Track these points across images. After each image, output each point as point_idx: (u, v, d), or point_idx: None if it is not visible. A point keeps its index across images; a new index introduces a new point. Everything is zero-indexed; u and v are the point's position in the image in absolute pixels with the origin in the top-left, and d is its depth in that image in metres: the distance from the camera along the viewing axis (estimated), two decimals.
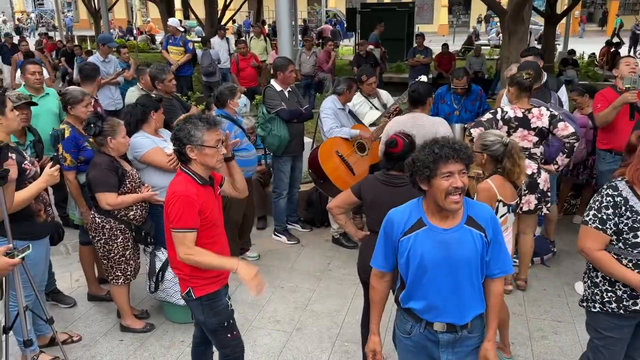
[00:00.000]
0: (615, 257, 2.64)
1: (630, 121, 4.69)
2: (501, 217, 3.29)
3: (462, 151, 2.23)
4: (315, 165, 5.04)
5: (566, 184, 6.00)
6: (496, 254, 2.41)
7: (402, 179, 3.15)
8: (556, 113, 4.20)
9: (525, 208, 4.35)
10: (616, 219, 2.60)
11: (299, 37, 17.07)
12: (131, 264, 3.92)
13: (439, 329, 2.42)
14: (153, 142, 4.01)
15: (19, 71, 10.58)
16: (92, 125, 3.64)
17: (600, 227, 2.63)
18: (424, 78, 5.18)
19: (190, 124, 2.76)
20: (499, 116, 4.25)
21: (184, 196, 2.71)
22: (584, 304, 2.85)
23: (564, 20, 16.49)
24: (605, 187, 2.67)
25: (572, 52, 14.84)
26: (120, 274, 3.89)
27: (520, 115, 4.19)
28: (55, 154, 3.45)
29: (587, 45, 21.18)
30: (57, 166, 3.25)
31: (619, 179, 2.65)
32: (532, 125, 4.19)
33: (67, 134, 4.04)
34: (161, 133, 4.22)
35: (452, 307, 2.37)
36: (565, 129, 4.13)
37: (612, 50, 16.45)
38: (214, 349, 3.26)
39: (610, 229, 2.62)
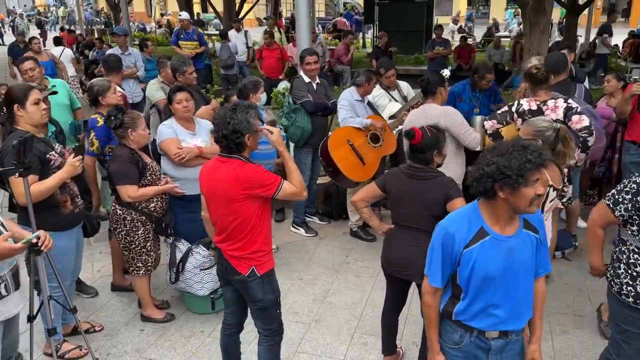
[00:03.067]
0: (637, 250, 2.65)
1: None
2: (551, 201, 3.33)
3: (546, 156, 2.14)
4: (325, 152, 5.04)
5: (584, 175, 5.91)
6: (543, 254, 2.38)
7: (428, 172, 3.11)
8: (574, 106, 4.10)
9: None
10: (629, 205, 2.61)
11: (317, 29, 17.02)
12: (152, 255, 3.96)
13: (490, 336, 2.35)
14: (173, 133, 4.08)
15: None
16: (112, 118, 3.67)
17: (611, 206, 2.69)
18: (446, 72, 5.12)
19: (245, 114, 2.81)
20: (514, 109, 4.23)
21: (260, 168, 2.85)
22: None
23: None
24: (637, 174, 2.67)
25: (593, 44, 14.54)
26: (141, 265, 3.93)
27: (534, 107, 4.14)
28: (77, 144, 3.49)
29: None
30: (80, 157, 3.29)
31: None
32: (546, 118, 4.13)
33: (100, 123, 4.12)
34: (198, 124, 4.25)
35: (513, 314, 2.32)
36: (579, 122, 4.01)
37: (637, 42, 16.09)
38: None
39: (619, 212, 2.65)
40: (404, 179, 3.16)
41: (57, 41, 10.65)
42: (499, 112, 4.33)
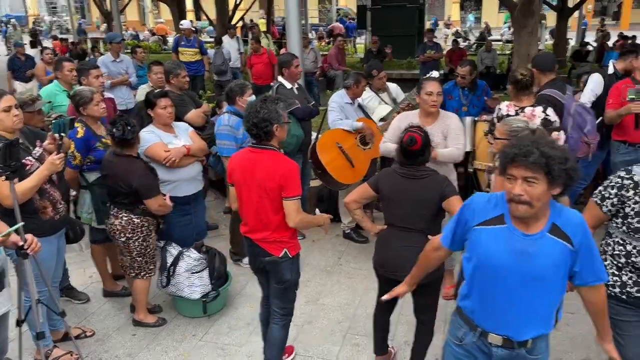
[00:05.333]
0: (621, 242, 2.66)
1: None
2: None
3: (532, 156, 1.97)
4: (313, 155, 5.06)
5: None
6: (588, 262, 2.15)
7: (422, 170, 3.13)
8: (553, 119, 4.06)
9: None
10: (615, 199, 2.62)
11: (311, 35, 17.13)
12: (156, 257, 4.03)
13: (493, 341, 2.24)
14: (157, 137, 4.09)
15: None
16: (125, 131, 3.65)
17: (599, 202, 2.69)
18: (435, 74, 5.15)
19: (274, 105, 3.02)
20: (494, 114, 4.28)
21: (297, 167, 3.08)
22: None
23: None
24: (622, 168, 2.70)
25: (584, 43, 14.68)
26: (152, 267, 4.00)
27: (512, 113, 4.15)
28: (60, 142, 3.46)
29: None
30: (61, 155, 3.26)
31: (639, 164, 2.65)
32: (522, 118, 4.15)
33: (80, 134, 4.02)
34: (175, 127, 4.28)
35: (512, 318, 2.19)
36: (556, 140, 4.00)
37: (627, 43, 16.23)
38: None
39: (607, 207, 2.66)
40: (398, 179, 3.16)
41: (33, 44, 10.72)
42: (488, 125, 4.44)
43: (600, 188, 2.72)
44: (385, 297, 2.77)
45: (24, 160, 3.23)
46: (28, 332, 3.50)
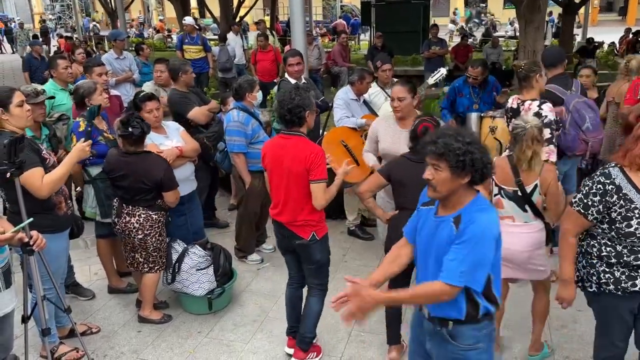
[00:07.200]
0: (610, 243, 2.64)
1: None
2: (495, 196, 3.35)
3: (433, 145, 2.17)
4: None
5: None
6: (452, 254, 2.16)
7: None
8: (544, 114, 3.98)
9: None
10: (600, 206, 2.58)
11: (315, 32, 17.08)
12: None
13: (425, 312, 2.38)
14: (148, 139, 3.99)
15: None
16: (143, 128, 3.67)
17: (582, 211, 2.64)
18: (443, 71, 5.13)
19: (307, 92, 3.23)
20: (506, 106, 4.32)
21: (322, 152, 3.23)
22: (580, 284, 2.85)
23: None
24: (598, 172, 2.64)
25: (591, 40, 14.55)
26: (165, 260, 4.02)
27: (515, 106, 4.20)
28: (89, 129, 3.50)
29: (606, 35, 20.80)
30: (89, 141, 3.29)
31: (612, 164, 2.62)
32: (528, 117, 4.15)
33: (82, 127, 4.01)
34: (166, 127, 4.27)
35: None
36: (547, 154, 3.91)
37: (633, 39, 16.12)
38: None
39: (592, 215, 2.62)
40: (410, 165, 3.25)
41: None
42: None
43: (580, 196, 2.66)
44: None
45: (43, 154, 3.26)
46: (34, 328, 3.50)
